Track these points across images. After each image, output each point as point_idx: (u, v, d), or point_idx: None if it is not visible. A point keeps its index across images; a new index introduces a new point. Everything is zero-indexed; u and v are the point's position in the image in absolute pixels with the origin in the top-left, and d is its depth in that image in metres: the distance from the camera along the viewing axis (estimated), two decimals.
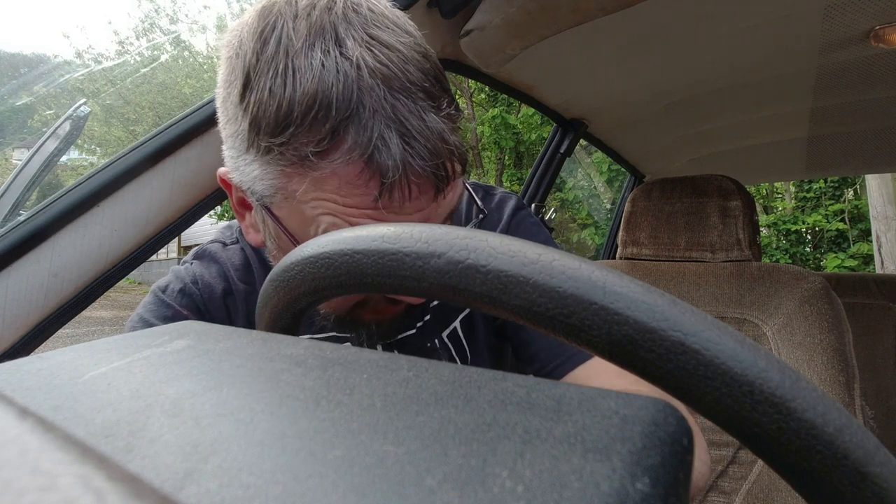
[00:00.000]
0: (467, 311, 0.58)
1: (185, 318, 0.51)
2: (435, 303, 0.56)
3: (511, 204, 0.60)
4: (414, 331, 0.55)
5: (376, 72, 0.35)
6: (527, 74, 1.18)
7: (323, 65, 0.35)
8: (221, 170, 0.44)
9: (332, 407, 0.15)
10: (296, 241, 0.40)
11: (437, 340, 0.56)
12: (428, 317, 0.55)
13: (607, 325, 0.17)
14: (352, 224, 0.37)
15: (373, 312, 0.46)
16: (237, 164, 0.40)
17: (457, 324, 0.57)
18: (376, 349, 0.53)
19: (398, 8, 0.41)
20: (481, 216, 0.50)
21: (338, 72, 0.35)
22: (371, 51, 0.36)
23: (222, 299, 0.53)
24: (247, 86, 0.37)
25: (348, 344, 0.54)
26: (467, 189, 0.49)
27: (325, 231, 0.37)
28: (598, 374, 0.50)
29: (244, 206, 0.46)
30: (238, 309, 0.53)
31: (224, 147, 0.42)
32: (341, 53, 0.35)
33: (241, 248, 0.56)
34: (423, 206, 0.39)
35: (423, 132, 0.36)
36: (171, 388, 0.17)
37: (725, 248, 1.02)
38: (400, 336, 0.54)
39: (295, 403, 0.15)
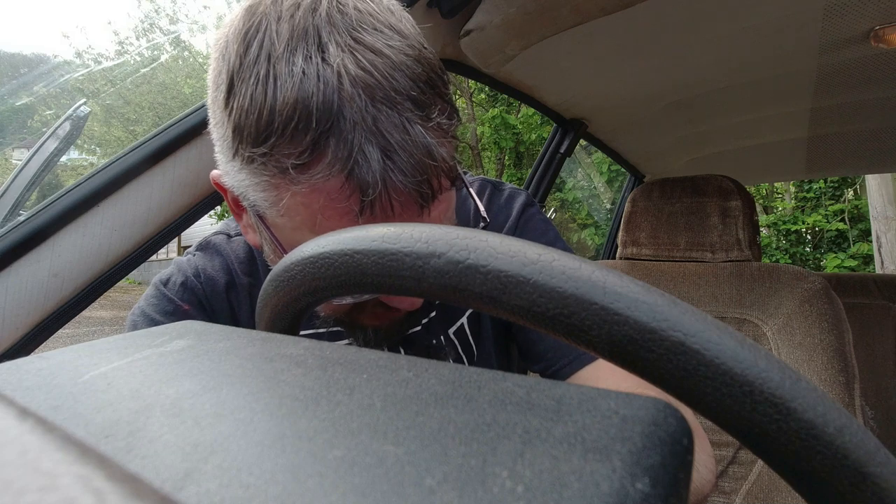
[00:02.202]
0: None
1: (187, 312, 0.50)
2: (433, 314, 0.55)
3: (520, 200, 0.59)
4: (419, 328, 0.54)
5: (358, 80, 0.33)
6: (527, 74, 1.18)
7: (304, 72, 0.33)
8: (214, 173, 0.44)
9: (332, 407, 0.15)
10: (286, 252, 0.40)
11: (443, 337, 0.56)
12: (434, 313, 0.55)
13: (607, 325, 0.17)
14: None
15: (371, 318, 0.45)
16: (227, 168, 0.40)
17: (464, 320, 0.56)
18: (381, 346, 0.53)
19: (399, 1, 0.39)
20: (483, 225, 0.49)
21: (318, 79, 0.33)
22: (354, 56, 0.34)
23: (225, 293, 0.52)
24: (230, 91, 0.36)
25: (349, 343, 0.54)
26: (470, 194, 0.48)
27: None
28: (606, 374, 0.49)
29: (240, 206, 0.45)
30: (241, 303, 0.53)
31: (216, 148, 0.41)
32: (323, 59, 0.33)
33: (246, 240, 0.55)
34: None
35: (405, 147, 0.34)
36: (171, 388, 0.17)
37: (725, 248, 1.02)
38: (405, 333, 0.53)
39: (295, 403, 0.15)
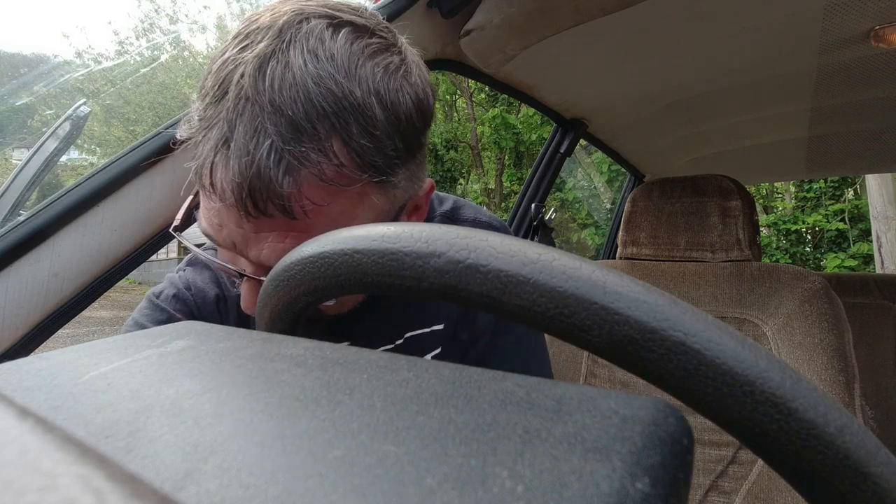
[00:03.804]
0: (438, 350, 0.56)
1: (180, 321, 0.51)
2: (398, 342, 0.54)
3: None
4: None
5: (248, 78, 0.35)
6: (527, 74, 1.18)
7: (237, 53, 0.36)
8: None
9: (332, 407, 0.15)
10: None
11: None
12: (392, 347, 0.54)
13: (608, 325, 0.17)
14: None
15: None
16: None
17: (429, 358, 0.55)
18: None
19: (387, 18, 0.40)
20: None
21: (235, 63, 0.36)
22: (267, 60, 0.35)
23: (215, 304, 0.54)
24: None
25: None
26: None
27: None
28: None
29: None
30: (231, 314, 0.54)
31: None
32: (249, 47, 0.36)
33: None
34: (237, 223, 0.38)
35: (240, 150, 0.35)
36: (171, 388, 0.17)
37: (725, 248, 1.02)
38: None
39: (295, 403, 0.15)
